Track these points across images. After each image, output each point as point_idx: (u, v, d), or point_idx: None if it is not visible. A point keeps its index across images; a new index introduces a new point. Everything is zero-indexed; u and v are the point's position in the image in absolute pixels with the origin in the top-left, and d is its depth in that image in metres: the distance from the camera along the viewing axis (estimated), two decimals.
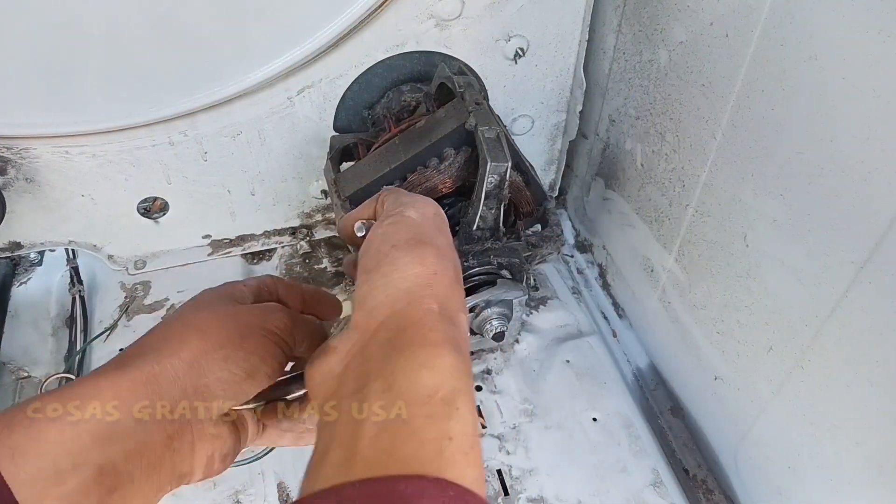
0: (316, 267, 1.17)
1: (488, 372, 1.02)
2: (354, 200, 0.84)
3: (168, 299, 1.10)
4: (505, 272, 0.77)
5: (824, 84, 0.61)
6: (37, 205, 1.01)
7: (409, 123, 0.89)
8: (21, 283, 1.16)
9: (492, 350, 1.04)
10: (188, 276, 1.14)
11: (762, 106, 0.70)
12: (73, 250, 1.12)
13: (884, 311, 0.60)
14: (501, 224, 0.79)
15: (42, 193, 1.00)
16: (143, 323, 1.07)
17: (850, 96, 0.59)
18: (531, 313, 1.10)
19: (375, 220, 0.53)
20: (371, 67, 0.98)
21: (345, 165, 0.95)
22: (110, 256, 1.13)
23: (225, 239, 1.17)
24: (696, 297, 0.90)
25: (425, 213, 0.51)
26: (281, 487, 0.91)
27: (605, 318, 1.16)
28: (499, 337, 0.74)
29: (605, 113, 1.06)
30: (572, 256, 1.25)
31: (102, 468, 0.43)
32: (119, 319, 1.07)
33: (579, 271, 1.23)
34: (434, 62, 0.97)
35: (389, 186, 0.71)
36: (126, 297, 1.11)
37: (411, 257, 0.46)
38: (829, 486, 0.73)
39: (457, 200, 0.83)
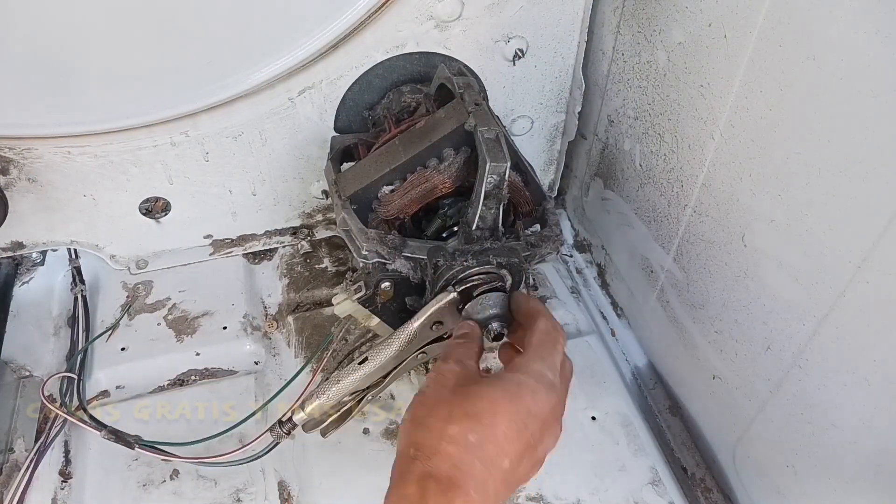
0: (317, 266, 1.18)
1: (488, 371, 1.02)
2: (355, 200, 0.84)
3: (170, 299, 1.11)
4: (504, 272, 0.78)
5: (822, 84, 0.61)
6: (39, 205, 1.02)
7: (409, 124, 0.90)
8: (23, 283, 1.16)
9: (491, 350, 1.04)
10: (190, 275, 1.14)
11: (760, 106, 0.70)
12: (74, 250, 1.12)
13: (881, 310, 0.61)
14: (501, 224, 0.79)
15: (44, 194, 1.01)
16: (145, 322, 1.08)
17: (847, 97, 0.59)
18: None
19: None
20: (371, 68, 0.98)
21: (345, 166, 0.96)
22: (112, 256, 1.14)
23: (226, 239, 1.18)
24: (694, 297, 0.90)
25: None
26: (281, 486, 0.91)
27: (604, 317, 1.17)
28: (498, 338, 0.74)
29: (603, 114, 1.06)
30: (571, 256, 1.25)
31: None
32: (121, 319, 1.08)
33: (578, 271, 1.23)
34: (434, 63, 0.97)
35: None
36: (128, 297, 1.12)
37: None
38: (827, 485, 0.74)
39: (456, 200, 0.83)
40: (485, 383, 0.62)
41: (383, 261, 0.79)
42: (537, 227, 0.89)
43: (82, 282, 1.11)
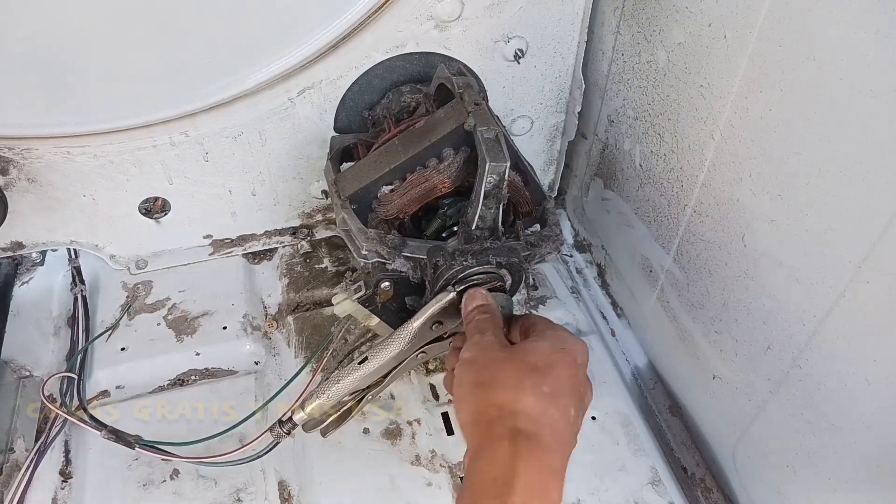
0: (317, 266, 1.18)
1: None
2: (355, 200, 0.84)
3: (169, 299, 1.11)
4: (504, 272, 0.78)
5: (822, 85, 0.61)
6: (39, 205, 1.02)
7: (409, 124, 0.90)
8: (23, 283, 1.16)
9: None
10: (189, 275, 1.14)
11: (760, 106, 0.70)
12: (74, 250, 1.12)
13: (881, 310, 0.61)
14: (500, 224, 0.79)
15: (44, 194, 1.01)
16: (145, 322, 1.08)
17: (847, 97, 0.59)
18: (530, 312, 1.11)
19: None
20: (371, 68, 0.98)
21: (345, 166, 0.96)
22: (112, 256, 1.14)
23: (226, 239, 1.18)
24: (694, 297, 0.90)
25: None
26: (281, 485, 0.91)
27: (604, 317, 1.17)
28: None
29: (603, 114, 1.06)
30: (571, 256, 1.25)
31: None
32: (121, 319, 1.08)
33: (578, 271, 1.23)
34: (433, 63, 0.97)
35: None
36: (128, 297, 1.12)
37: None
38: (826, 485, 0.74)
39: (456, 200, 0.83)
40: (530, 341, 0.64)
41: (383, 261, 0.79)
42: (537, 227, 0.89)
43: (82, 282, 1.11)
